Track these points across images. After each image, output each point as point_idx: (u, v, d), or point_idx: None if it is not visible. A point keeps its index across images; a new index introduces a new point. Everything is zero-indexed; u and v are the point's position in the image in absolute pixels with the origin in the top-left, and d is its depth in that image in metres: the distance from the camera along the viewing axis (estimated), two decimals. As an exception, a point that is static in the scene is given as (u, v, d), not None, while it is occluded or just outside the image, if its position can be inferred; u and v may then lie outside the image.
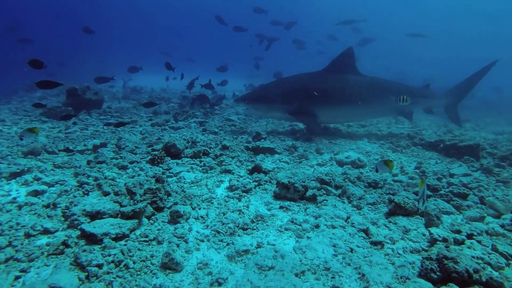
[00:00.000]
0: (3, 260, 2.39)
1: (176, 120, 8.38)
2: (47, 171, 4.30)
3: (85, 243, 2.59)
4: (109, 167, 4.53)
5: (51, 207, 3.28)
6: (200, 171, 4.50)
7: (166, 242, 2.69)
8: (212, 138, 6.48)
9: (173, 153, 4.93)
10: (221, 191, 3.89)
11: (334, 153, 5.76)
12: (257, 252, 2.57)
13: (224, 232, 2.89)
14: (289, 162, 5.12)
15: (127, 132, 6.86)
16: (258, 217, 3.15)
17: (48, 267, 2.34)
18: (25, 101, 12.13)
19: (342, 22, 19.23)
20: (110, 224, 2.71)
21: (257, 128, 8.03)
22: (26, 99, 12.45)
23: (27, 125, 7.66)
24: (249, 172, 4.45)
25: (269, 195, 3.80)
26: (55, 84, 5.16)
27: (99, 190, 3.29)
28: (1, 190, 3.72)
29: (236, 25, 14.61)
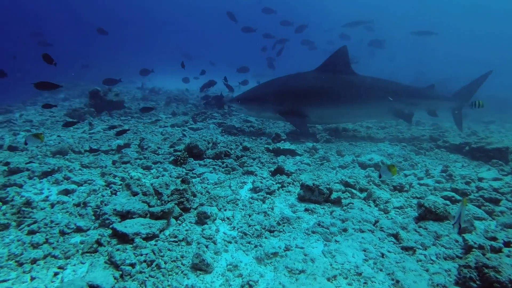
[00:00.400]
0: (42, 256, 2.47)
1: (195, 121, 8.46)
2: (75, 171, 4.41)
3: (117, 242, 2.65)
4: (133, 167, 4.61)
5: (82, 205, 3.37)
6: (223, 172, 4.52)
7: (195, 243, 2.72)
8: (232, 139, 6.50)
9: (195, 154, 4.97)
10: (244, 193, 3.90)
11: (356, 155, 5.69)
12: (286, 255, 2.56)
13: (251, 234, 2.90)
14: (311, 164, 5.08)
15: (149, 133, 6.97)
16: (284, 219, 3.14)
17: (84, 265, 2.40)
18: (50, 102, 12.48)
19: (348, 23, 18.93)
20: (141, 224, 2.75)
21: (275, 130, 8.02)
22: (50, 100, 12.81)
23: (53, 125, 7.89)
24: (272, 174, 4.45)
25: (293, 197, 3.79)
26: (53, 86, 5.14)
27: (128, 190, 3.35)
28: (34, 188, 3.85)
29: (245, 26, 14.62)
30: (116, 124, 7.34)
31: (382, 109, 6.71)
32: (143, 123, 8.33)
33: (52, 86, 5.12)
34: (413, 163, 5.42)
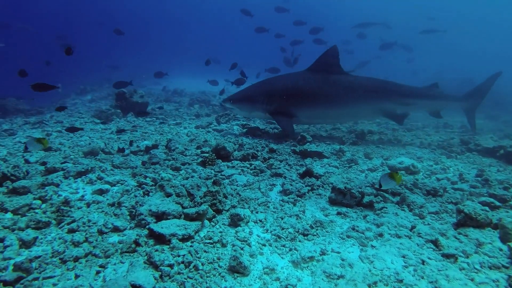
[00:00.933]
0: (83, 254, 2.53)
1: (218, 123, 8.52)
2: (107, 171, 4.52)
3: (154, 242, 2.69)
4: (162, 168, 4.68)
5: (116, 205, 3.44)
6: (251, 174, 4.53)
7: (230, 245, 2.72)
8: (257, 141, 6.51)
9: (222, 155, 5.00)
10: (274, 195, 3.89)
11: (384, 158, 5.57)
12: (322, 260, 2.53)
13: (285, 237, 2.88)
14: (339, 167, 5.02)
15: (174, 134, 7.07)
16: (317, 223, 3.10)
17: (123, 264, 2.45)
18: (77, 104, 12.91)
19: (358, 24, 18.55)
20: (176, 225, 2.79)
21: (298, 131, 7.98)
22: (78, 102, 13.25)
23: (82, 126, 8.14)
24: (300, 176, 4.42)
25: (323, 200, 3.74)
26: (50, 87, 5.10)
27: (162, 191, 3.41)
28: (70, 188, 3.97)
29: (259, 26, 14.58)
30: (126, 128, 7.45)
31: (370, 109, 6.55)
32: (168, 124, 8.47)
33: (49, 87, 5.09)
34: (444, 167, 5.26)
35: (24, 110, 10.82)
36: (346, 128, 8.26)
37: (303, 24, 15.89)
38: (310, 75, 6.33)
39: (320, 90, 6.20)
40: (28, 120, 9.04)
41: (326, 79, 6.19)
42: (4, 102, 10.75)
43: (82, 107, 12.14)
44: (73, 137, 6.84)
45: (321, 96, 6.20)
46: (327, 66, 6.22)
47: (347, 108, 6.42)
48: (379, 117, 6.75)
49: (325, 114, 6.62)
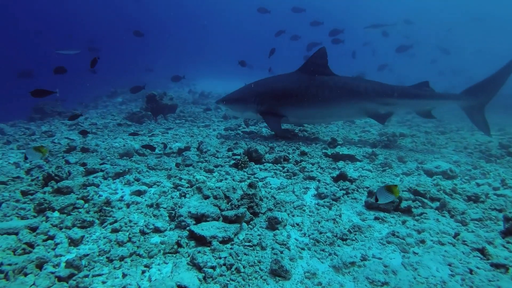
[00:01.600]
0: (128, 254, 2.62)
1: (247, 125, 8.58)
2: (143, 172, 4.66)
3: (195, 244, 2.74)
4: (196, 170, 4.77)
5: (155, 207, 3.54)
6: (284, 177, 4.52)
7: (269, 248, 2.73)
8: (287, 143, 6.49)
9: (255, 158, 5.03)
10: (309, 198, 3.87)
11: (419, 162, 5.41)
12: (364, 265, 2.49)
13: (324, 241, 2.86)
14: (372, 170, 4.92)
15: (205, 136, 7.18)
16: (355, 227, 3.06)
17: (167, 265, 2.51)
18: (109, 106, 13.40)
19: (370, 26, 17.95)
20: (216, 227, 2.83)
21: (328, 133, 7.90)
22: (109, 104, 13.75)
23: (115, 128, 8.43)
24: (334, 180, 4.37)
25: (359, 204, 3.68)
26: (48, 93, 5.21)
27: (200, 193, 3.47)
28: (109, 188, 4.12)
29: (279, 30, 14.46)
30: (139, 131, 7.62)
31: (354, 109, 6.53)
32: (197, 126, 8.62)
33: (47, 93, 5.21)
34: (484, 172, 5.04)
35: (60, 112, 11.35)
36: (376, 131, 8.10)
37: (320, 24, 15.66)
38: (299, 77, 6.48)
39: (307, 91, 6.33)
40: (65, 122, 9.47)
41: (313, 81, 6.33)
42: (42, 104, 11.32)
43: (113, 109, 12.58)
44: (107, 139, 7.10)
45: (308, 97, 6.32)
46: (315, 67, 6.35)
47: (332, 108, 6.51)
48: (363, 116, 6.68)
49: (312, 114, 6.70)
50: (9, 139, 6.98)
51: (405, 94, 6.21)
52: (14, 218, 3.28)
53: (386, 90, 6.24)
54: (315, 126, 8.72)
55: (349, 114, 6.79)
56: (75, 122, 9.17)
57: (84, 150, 5.88)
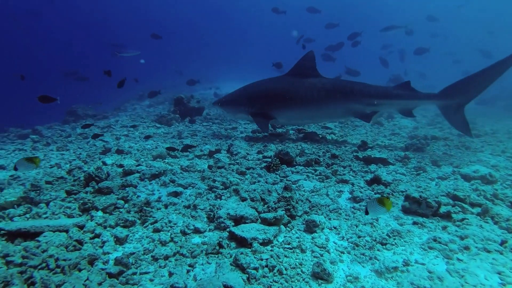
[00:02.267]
0: (172, 253, 2.71)
1: (273, 128, 8.60)
2: (177, 174, 4.78)
3: (236, 245, 2.80)
4: (228, 172, 4.84)
5: (192, 208, 3.63)
6: (317, 180, 4.52)
7: (309, 251, 2.75)
8: (316, 146, 6.48)
9: (286, 160, 5.05)
10: (344, 202, 3.85)
11: (454, 166, 5.25)
12: (407, 271, 2.46)
13: (363, 245, 2.84)
14: (406, 174, 4.83)
15: (233, 139, 7.27)
16: (394, 232, 3.02)
17: (210, 265, 2.57)
18: (137, 109, 13.79)
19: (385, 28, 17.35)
20: (256, 229, 2.87)
21: (356, 136, 7.81)
22: (137, 107, 14.15)
23: (145, 130, 8.68)
24: (368, 183, 4.32)
25: (396, 208, 3.63)
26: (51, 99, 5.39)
27: (237, 195, 3.53)
28: (146, 189, 4.26)
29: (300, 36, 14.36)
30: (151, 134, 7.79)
31: (340, 110, 6.70)
32: (224, 128, 8.73)
33: (50, 100, 5.42)
34: (526, 176, 4.83)
35: (92, 115, 11.81)
36: (406, 134, 7.93)
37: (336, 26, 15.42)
38: (288, 79, 6.76)
39: (295, 93, 6.57)
40: (98, 124, 9.84)
41: (301, 83, 6.57)
42: (75, 107, 11.81)
43: (142, 112, 12.93)
44: (139, 141, 7.32)
45: (297, 99, 6.56)
46: (304, 70, 6.62)
47: (320, 109, 6.69)
48: (350, 116, 6.82)
49: (301, 116, 6.93)
50: (48, 141, 7.33)
51: (388, 95, 6.38)
52: (62, 216, 3.45)
53: (370, 91, 6.44)
54: (342, 129, 8.64)
55: (337, 114, 6.99)
56: (107, 125, 9.51)
57: (119, 152, 6.09)
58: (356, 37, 14.47)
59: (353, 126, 9.27)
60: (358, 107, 6.45)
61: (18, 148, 6.63)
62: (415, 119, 10.55)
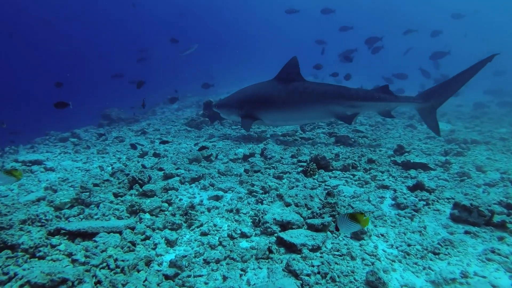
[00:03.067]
0: (223, 257, 2.76)
1: (303, 131, 8.57)
2: (215, 178, 4.85)
3: (285, 251, 2.81)
4: (265, 176, 4.87)
5: (235, 212, 3.68)
6: (356, 185, 4.47)
7: (359, 258, 2.72)
8: (349, 150, 6.40)
9: (322, 165, 5.02)
10: (387, 208, 3.78)
11: (501, 171, 5.03)
12: (467, 283, 2.39)
13: (414, 254, 2.78)
14: (449, 180, 4.68)
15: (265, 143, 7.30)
16: (445, 241, 2.93)
17: (262, 270, 2.60)
18: (166, 112, 14.13)
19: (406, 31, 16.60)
20: (304, 235, 2.88)
21: (389, 140, 7.64)
22: (166, 110, 14.49)
23: (177, 134, 8.88)
24: (410, 189, 4.22)
25: (443, 216, 3.52)
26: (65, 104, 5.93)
27: (281, 200, 3.55)
28: (187, 192, 4.36)
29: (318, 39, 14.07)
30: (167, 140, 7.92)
31: (322, 112, 6.98)
32: (253, 131, 8.79)
33: (64, 105, 5.94)
34: None
35: (125, 119, 12.21)
36: (443, 137, 7.68)
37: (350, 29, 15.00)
38: (273, 84, 7.13)
39: (280, 97, 6.97)
40: (131, 128, 10.17)
41: (286, 87, 6.93)
42: (109, 111, 12.26)
43: (171, 115, 13.24)
44: (173, 144, 7.50)
45: (281, 102, 6.95)
46: (288, 74, 6.95)
47: (303, 111, 7.01)
48: (331, 118, 7.19)
49: (285, 117, 7.28)
50: (88, 144, 7.65)
51: (368, 97, 6.71)
52: (112, 217, 3.60)
53: (351, 94, 6.74)
54: (374, 132, 8.49)
55: (319, 116, 7.30)
56: (141, 128, 9.80)
57: (156, 155, 6.27)
58: (376, 42, 13.94)
59: (385, 129, 9.08)
60: (339, 109, 6.79)
61: (64, 152, 6.95)
62: (450, 122, 10.22)
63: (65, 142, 8.47)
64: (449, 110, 12.68)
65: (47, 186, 4.63)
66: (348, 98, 6.66)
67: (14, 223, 2.87)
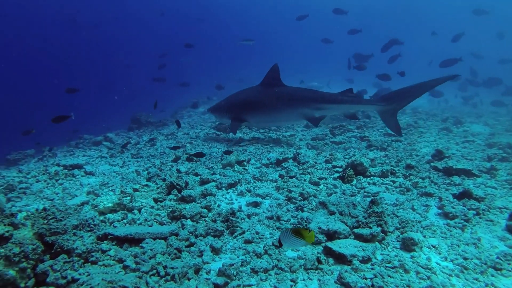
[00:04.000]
0: (271, 267, 2.73)
1: (333, 135, 8.43)
2: (251, 183, 4.84)
3: (334, 262, 2.75)
4: (300, 182, 4.80)
5: (275, 219, 3.64)
6: (398, 192, 4.33)
7: (413, 271, 2.62)
8: (384, 154, 6.23)
9: (359, 171, 4.91)
10: (434, 218, 3.63)
11: (553, 179, 4.74)
12: (536, 302, 2.24)
13: (473, 269, 2.64)
14: (497, 188, 4.44)
15: (296, 147, 7.24)
16: (506, 255, 2.77)
17: (312, 281, 2.55)
18: (192, 116, 14.31)
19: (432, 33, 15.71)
20: (354, 246, 2.80)
21: (424, 144, 7.39)
22: (192, 114, 14.68)
23: (206, 137, 8.96)
24: (457, 197, 4.04)
25: (498, 228, 3.34)
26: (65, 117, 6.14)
27: (325, 208, 3.49)
28: (224, 198, 4.37)
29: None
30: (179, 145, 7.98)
31: (294, 114, 7.48)
32: (282, 135, 8.73)
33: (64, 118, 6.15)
34: None
35: (153, 122, 12.45)
36: (482, 141, 7.34)
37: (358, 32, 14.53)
38: (258, 89, 7.74)
39: (262, 101, 7.56)
40: (161, 131, 10.35)
41: (267, 92, 7.53)
42: (139, 115, 12.54)
43: (198, 119, 13.40)
44: (204, 148, 7.57)
45: (263, 105, 7.53)
46: (270, 80, 7.51)
47: (280, 114, 7.56)
48: (302, 120, 7.63)
49: (266, 120, 7.93)
50: (123, 149, 7.84)
51: (333, 100, 7.12)
52: (154, 223, 3.65)
53: (318, 97, 7.28)
54: (407, 136, 8.23)
55: (293, 118, 7.79)
56: (171, 132, 9.96)
57: (189, 160, 6.33)
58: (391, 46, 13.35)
59: (418, 132, 8.77)
60: (308, 111, 7.23)
61: (100, 156, 7.16)
62: (487, 124, 9.77)
63: (99, 146, 8.72)
64: (485, 112, 12.16)
65: (89, 190, 4.77)
66: (315, 101, 7.19)
67: (68, 228, 2.95)
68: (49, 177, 5.57)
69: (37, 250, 2.81)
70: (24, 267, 2.68)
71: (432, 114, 11.50)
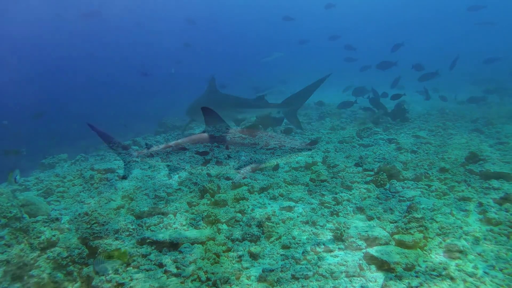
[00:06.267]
0: (312, 273, 2.72)
1: (360, 137, 8.30)
2: (283, 187, 4.83)
3: (376, 268, 2.71)
4: (332, 186, 4.76)
5: (311, 224, 3.63)
6: (434, 196, 4.21)
7: (460, 280, 2.54)
8: (415, 157, 6.08)
9: (392, 174, 4.81)
10: (475, 223, 3.51)
11: None
12: None
13: (524, 278, 2.54)
14: (540, 192, 4.25)
15: (323, 150, 7.18)
16: (558, 264, 2.65)
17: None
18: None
19: None
20: (396, 252, 2.76)
21: (455, 146, 7.15)
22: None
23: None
24: (498, 202, 3.89)
25: (546, 235, 3.19)
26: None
27: (362, 213, 3.45)
28: (258, 203, 4.38)
29: None
30: None
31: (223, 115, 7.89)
32: (308, 138, 8.69)
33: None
34: None
35: (179, 126, 12.67)
36: (518, 142, 7.05)
37: None
38: (205, 94, 9.12)
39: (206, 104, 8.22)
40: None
41: (208, 97, 8.93)
42: (165, 119, 12.80)
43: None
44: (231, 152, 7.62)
45: None
46: (212, 88, 9.01)
47: None
48: (230, 120, 8.66)
49: None
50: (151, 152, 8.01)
51: (249, 105, 8.38)
52: (190, 227, 3.72)
53: (238, 102, 8.47)
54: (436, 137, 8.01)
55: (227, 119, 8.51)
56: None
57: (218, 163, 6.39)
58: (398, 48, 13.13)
59: (448, 134, 8.51)
60: (234, 114, 8.48)
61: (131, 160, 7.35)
62: (521, 125, 9.35)
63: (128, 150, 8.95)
64: None
65: (124, 194, 4.91)
66: (236, 106, 8.42)
67: (110, 232, 3.05)
68: (84, 181, 5.78)
69: (83, 254, 2.94)
70: (71, 270, 2.80)
71: (461, 115, 11.14)
